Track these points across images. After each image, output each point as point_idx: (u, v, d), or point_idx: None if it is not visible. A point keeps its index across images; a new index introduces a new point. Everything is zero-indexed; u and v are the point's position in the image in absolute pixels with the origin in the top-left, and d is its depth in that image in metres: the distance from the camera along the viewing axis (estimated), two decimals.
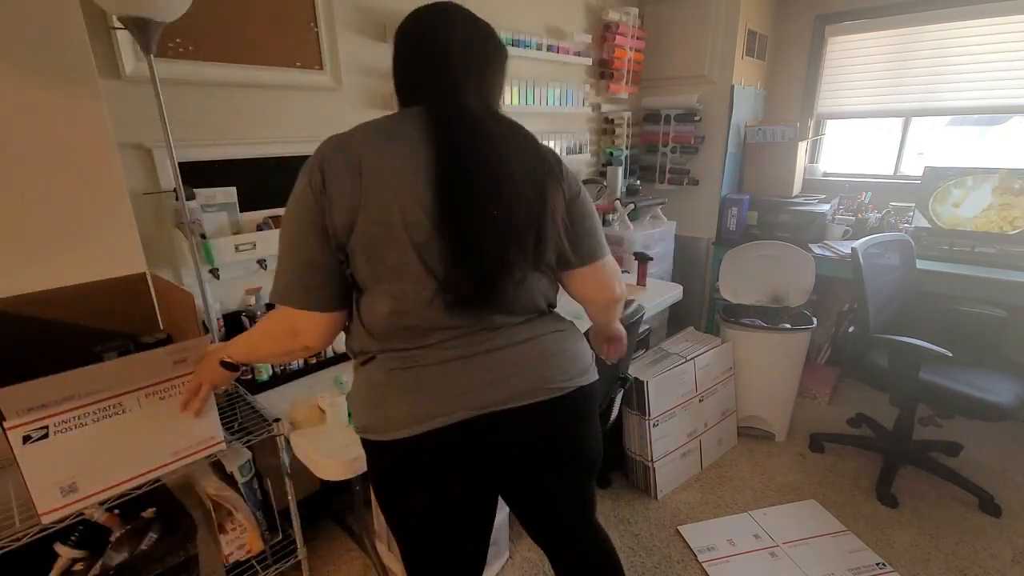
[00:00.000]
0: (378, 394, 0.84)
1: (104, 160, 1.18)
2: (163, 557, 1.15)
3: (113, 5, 1.11)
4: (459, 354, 0.83)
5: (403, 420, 0.81)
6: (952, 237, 2.36)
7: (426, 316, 0.81)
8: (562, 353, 0.90)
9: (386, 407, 0.83)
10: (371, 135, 0.83)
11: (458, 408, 0.82)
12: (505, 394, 0.84)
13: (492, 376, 0.84)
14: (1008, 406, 1.70)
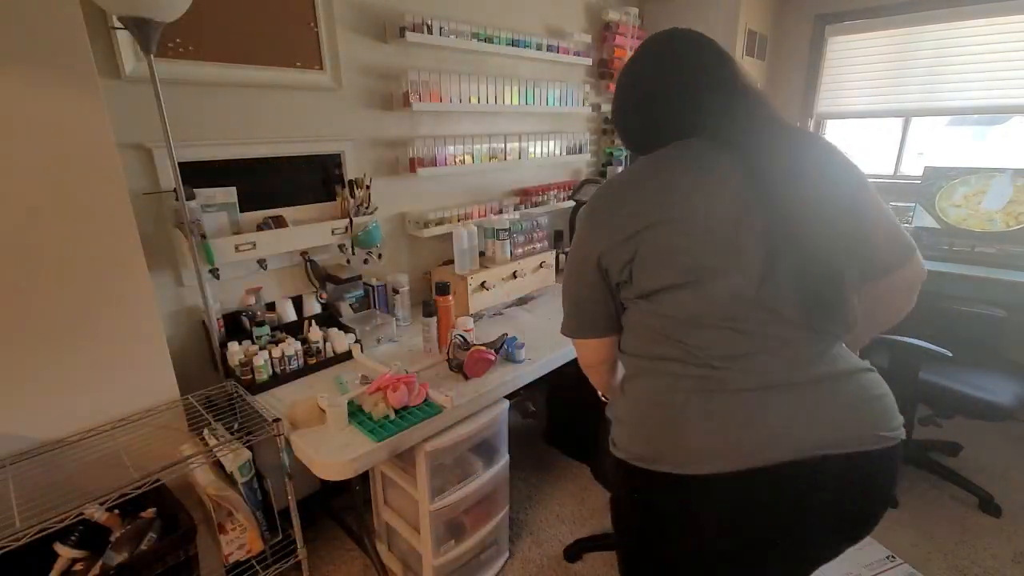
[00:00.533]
0: (676, 419, 0.74)
1: (104, 160, 1.18)
2: (163, 557, 1.15)
3: (113, 5, 1.11)
4: (776, 380, 0.73)
5: (713, 454, 0.71)
6: (952, 236, 2.36)
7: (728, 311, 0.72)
8: (887, 396, 0.80)
9: (690, 434, 0.73)
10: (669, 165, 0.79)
11: (781, 447, 0.71)
12: (837, 436, 0.72)
13: (819, 413, 0.72)
14: (1008, 406, 1.70)
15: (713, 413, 0.73)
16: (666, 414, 0.76)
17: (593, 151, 2.81)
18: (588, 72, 2.67)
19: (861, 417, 0.75)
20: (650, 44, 0.85)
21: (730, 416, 0.72)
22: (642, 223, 0.75)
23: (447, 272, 1.87)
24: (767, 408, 0.72)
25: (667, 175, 0.77)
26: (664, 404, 0.76)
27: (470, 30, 1.94)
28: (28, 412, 1.17)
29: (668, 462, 0.74)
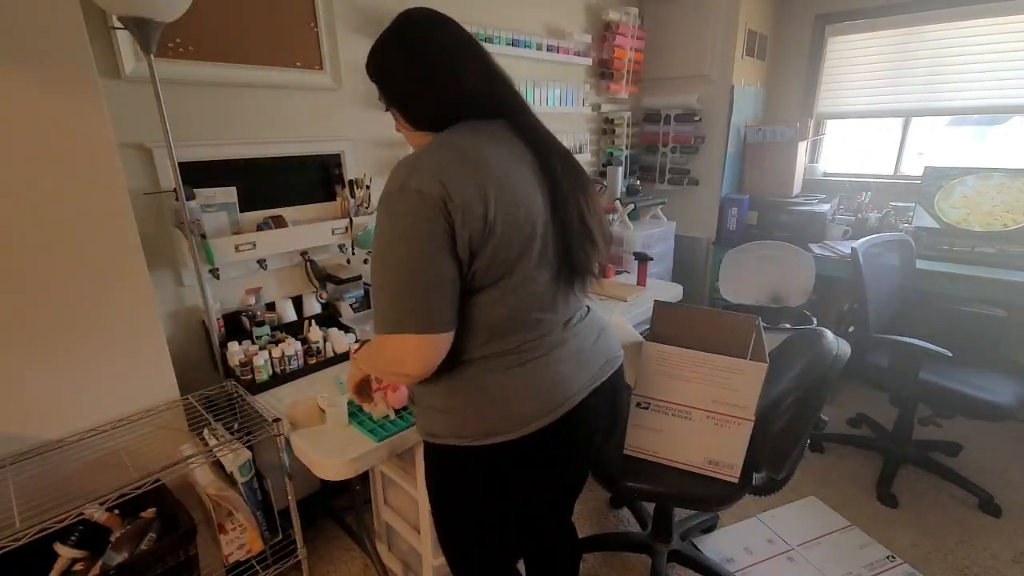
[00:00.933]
0: (498, 395, 0.83)
1: (104, 160, 1.18)
2: (163, 557, 1.15)
3: (113, 5, 1.11)
4: (557, 340, 0.88)
5: (532, 414, 0.83)
6: (952, 236, 2.36)
7: (540, 303, 0.85)
8: (608, 326, 1.02)
9: (512, 405, 0.83)
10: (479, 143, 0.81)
11: (573, 392, 0.87)
12: (595, 370, 0.92)
13: (582, 357, 0.90)
14: (1008, 406, 1.70)
15: (525, 382, 0.84)
16: (490, 395, 0.83)
17: (593, 151, 2.81)
18: (588, 72, 2.67)
19: (602, 348, 0.95)
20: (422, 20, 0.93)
21: (540, 379, 0.85)
22: (493, 202, 0.75)
23: None
24: (560, 365, 0.87)
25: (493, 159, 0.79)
26: (486, 387, 0.83)
27: (470, 30, 1.94)
28: (28, 412, 1.17)
29: (501, 433, 0.83)
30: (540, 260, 0.83)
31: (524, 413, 0.83)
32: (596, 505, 1.93)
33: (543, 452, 0.87)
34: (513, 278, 0.80)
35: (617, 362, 0.98)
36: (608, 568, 1.66)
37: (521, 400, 0.83)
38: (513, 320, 0.82)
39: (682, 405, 1.25)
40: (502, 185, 0.77)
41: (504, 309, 0.81)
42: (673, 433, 1.29)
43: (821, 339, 1.32)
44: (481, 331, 0.81)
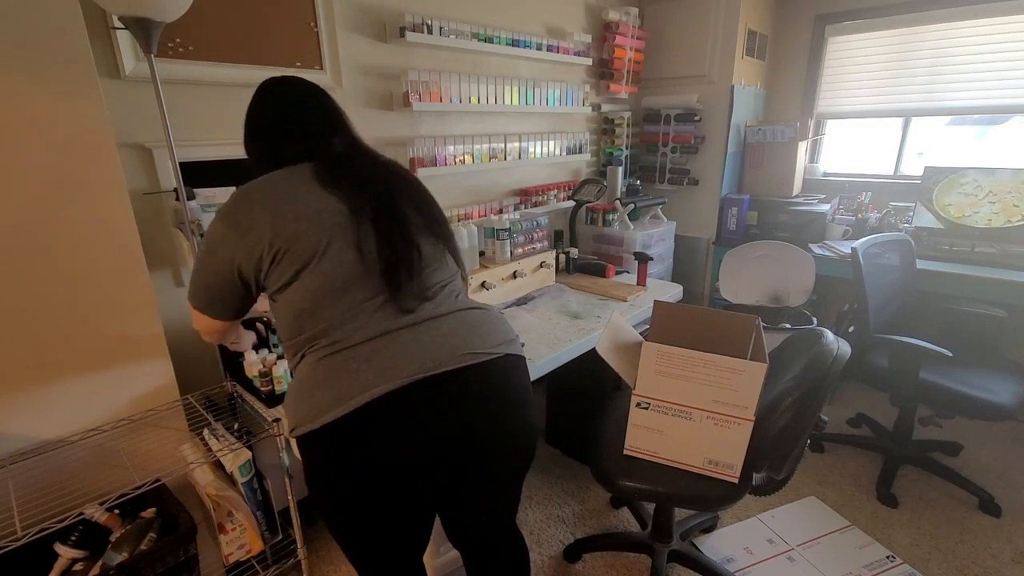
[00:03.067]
0: (305, 387, 0.87)
1: (104, 160, 1.18)
2: (163, 557, 1.15)
3: (113, 5, 1.11)
4: (382, 329, 0.89)
5: (331, 403, 0.83)
6: (952, 236, 2.36)
7: (344, 283, 0.89)
8: (485, 324, 0.98)
9: (316, 394, 0.85)
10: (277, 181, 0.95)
11: (385, 380, 0.84)
12: (430, 362, 0.87)
13: (415, 347, 0.88)
14: (1008, 406, 1.70)
15: (333, 370, 0.86)
16: (302, 387, 0.88)
17: (593, 151, 2.81)
18: (588, 72, 2.67)
19: (454, 343, 0.91)
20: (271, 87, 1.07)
21: (344, 368, 0.86)
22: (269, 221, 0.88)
23: None
24: (374, 353, 0.87)
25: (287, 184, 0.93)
26: (303, 379, 0.89)
27: (470, 30, 1.94)
28: (28, 412, 1.17)
29: (305, 424, 0.85)
30: (344, 247, 0.89)
31: (320, 403, 0.84)
32: (596, 505, 1.93)
33: (354, 441, 0.84)
34: (307, 277, 0.88)
35: (474, 357, 0.91)
36: (608, 568, 1.66)
37: (321, 389, 0.85)
38: (318, 305, 0.88)
39: (682, 405, 1.25)
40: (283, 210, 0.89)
41: (307, 297, 0.88)
42: (673, 433, 1.29)
43: (821, 339, 1.32)
44: (294, 324, 0.91)
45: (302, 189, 0.93)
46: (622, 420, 1.36)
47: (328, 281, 0.88)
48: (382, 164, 1.04)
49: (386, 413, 0.84)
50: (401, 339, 0.89)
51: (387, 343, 0.88)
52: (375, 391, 0.83)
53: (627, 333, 1.48)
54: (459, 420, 0.90)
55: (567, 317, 1.81)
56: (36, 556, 1.09)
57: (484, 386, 0.93)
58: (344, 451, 0.85)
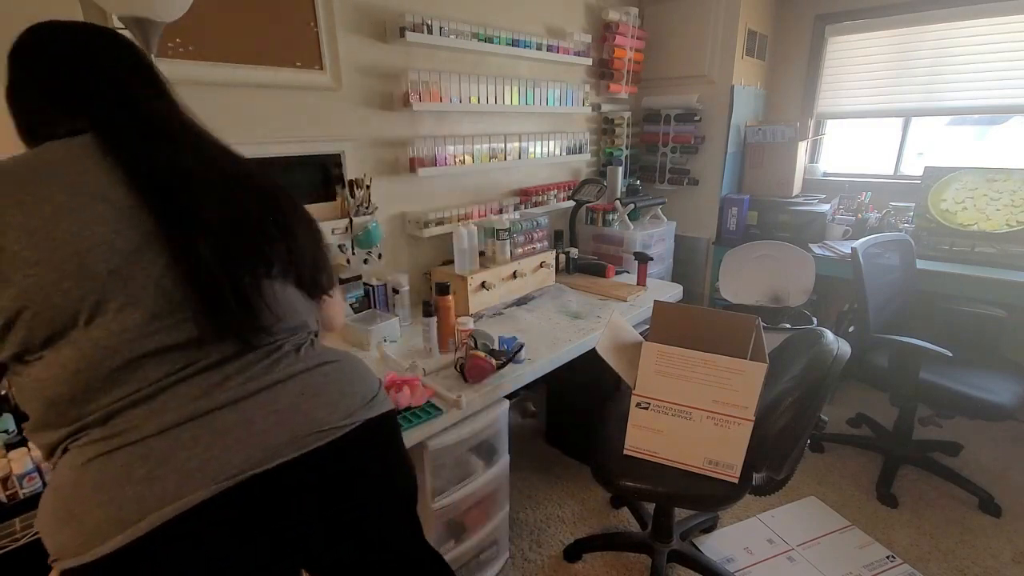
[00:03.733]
0: (67, 501, 0.60)
1: None
2: None
3: (113, 5, 1.11)
4: (188, 413, 0.64)
5: (107, 526, 0.58)
6: (952, 236, 2.36)
7: (128, 358, 0.62)
8: (338, 384, 0.76)
9: (83, 513, 0.59)
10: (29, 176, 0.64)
11: (194, 487, 0.60)
12: (262, 452, 0.65)
13: (240, 432, 0.65)
14: (1008, 406, 1.70)
15: (109, 479, 0.60)
16: (62, 499, 0.61)
17: (593, 151, 2.81)
18: (588, 72, 2.67)
19: (297, 419, 0.69)
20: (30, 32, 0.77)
21: (127, 475, 0.60)
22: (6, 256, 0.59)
23: (447, 272, 1.87)
24: (175, 450, 0.62)
25: (35, 192, 0.62)
26: (61, 487, 0.62)
27: (470, 30, 1.94)
28: None
29: (73, 554, 0.59)
30: (127, 304, 0.62)
31: (92, 526, 0.58)
32: (596, 505, 1.93)
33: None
34: (66, 350, 0.61)
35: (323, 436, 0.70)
36: (608, 568, 1.66)
37: (91, 505, 0.59)
38: (86, 392, 0.61)
39: (682, 405, 1.25)
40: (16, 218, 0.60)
41: (65, 378, 0.61)
42: (673, 433, 1.29)
43: (821, 339, 1.32)
44: (47, 411, 0.63)
45: (65, 194, 0.63)
46: (622, 420, 1.36)
47: (100, 355, 0.61)
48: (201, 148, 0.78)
49: (197, 535, 0.61)
50: (218, 423, 0.64)
51: (196, 432, 0.63)
52: (178, 505, 0.59)
53: (627, 333, 1.48)
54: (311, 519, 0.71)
55: (567, 317, 1.81)
56: (36, 556, 1.09)
57: (340, 472, 0.72)
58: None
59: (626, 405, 1.34)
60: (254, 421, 0.66)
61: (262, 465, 0.65)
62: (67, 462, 0.63)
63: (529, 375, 1.52)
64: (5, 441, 1.02)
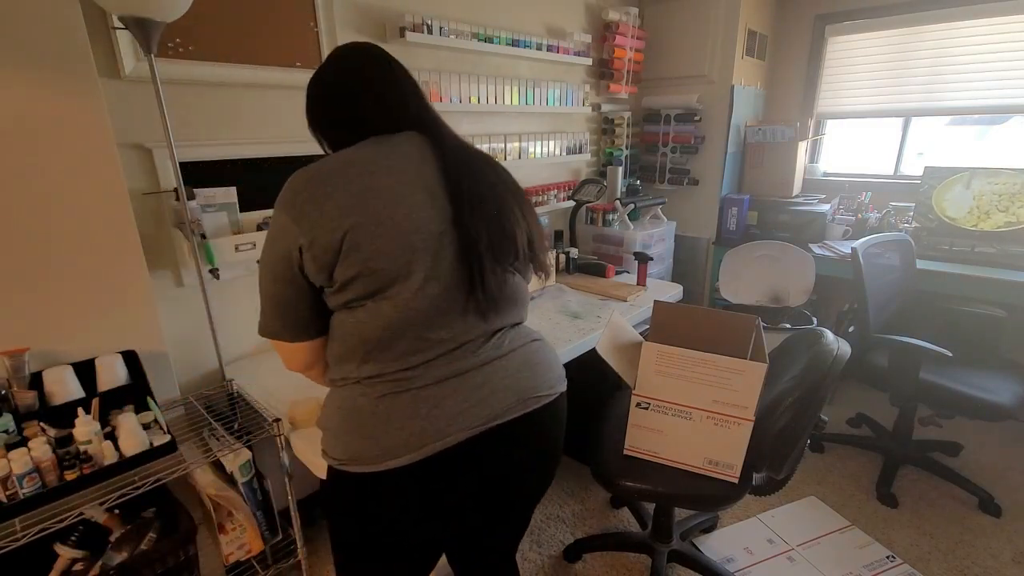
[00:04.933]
0: (365, 421, 0.80)
1: (104, 160, 1.18)
2: (163, 557, 1.15)
3: (113, 5, 1.11)
4: (452, 371, 0.82)
5: (399, 448, 0.78)
6: (952, 236, 2.36)
7: (425, 319, 0.79)
8: (544, 362, 0.93)
9: (380, 435, 0.78)
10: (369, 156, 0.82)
11: (456, 429, 0.79)
12: (499, 407, 0.83)
13: (485, 391, 0.83)
14: (1008, 406, 1.70)
15: (399, 411, 0.79)
16: (360, 419, 0.80)
17: (593, 151, 2.81)
18: (588, 72, 2.67)
19: (521, 385, 0.86)
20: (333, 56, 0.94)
21: (414, 411, 0.79)
22: (347, 222, 0.75)
23: None
24: (443, 398, 0.80)
25: (369, 174, 0.79)
26: (359, 410, 0.81)
27: (470, 30, 1.94)
28: None
29: (363, 462, 0.79)
30: (430, 277, 0.78)
31: (387, 446, 0.78)
32: (596, 505, 1.93)
33: (410, 489, 0.81)
34: (389, 297, 0.77)
35: (537, 401, 0.88)
36: (608, 568, 1.66)
37: (386, 432, 0.78)
38: (392, 338, 0.78)
39: (682, 405, 1.25)
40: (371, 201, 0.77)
41: (381, 325, 0.78)
42: (673, 433, 1.29)
43: (821, 339, 1.32)
44: (358, 349, 0.80)
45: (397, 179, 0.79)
46: (622, 420, 1.36)
47: (409, 315, 0.78)
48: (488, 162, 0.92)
49: (454, 463, 0.81)
50: (470, 382, 0.82)
51: (456, 387, 0.81)
52: (448, 440, 0.79)
53: (627, 333, 1.47)
54: (515, 467, 0.89)
55: (567, 317, 1.81)
56: (36, 556, 1.09)
57: (545, 431, 0.91)
58: (402, 500, 0.81)
59: (626, 405, 1.34)
60: (492, 383, 0.84)
61: (498, 419, 0.83)
62: (360, 392, 0.81)
63: None
64: (5, 441, 1.02)
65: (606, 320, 1.64)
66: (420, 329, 0.79)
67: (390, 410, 0.79)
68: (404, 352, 0.79)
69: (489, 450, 0.84)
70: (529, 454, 0.90)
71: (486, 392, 0.83)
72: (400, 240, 0.76)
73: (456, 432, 0.79)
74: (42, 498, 0.98)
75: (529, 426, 0.87)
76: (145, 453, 1.08)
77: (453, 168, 0.83)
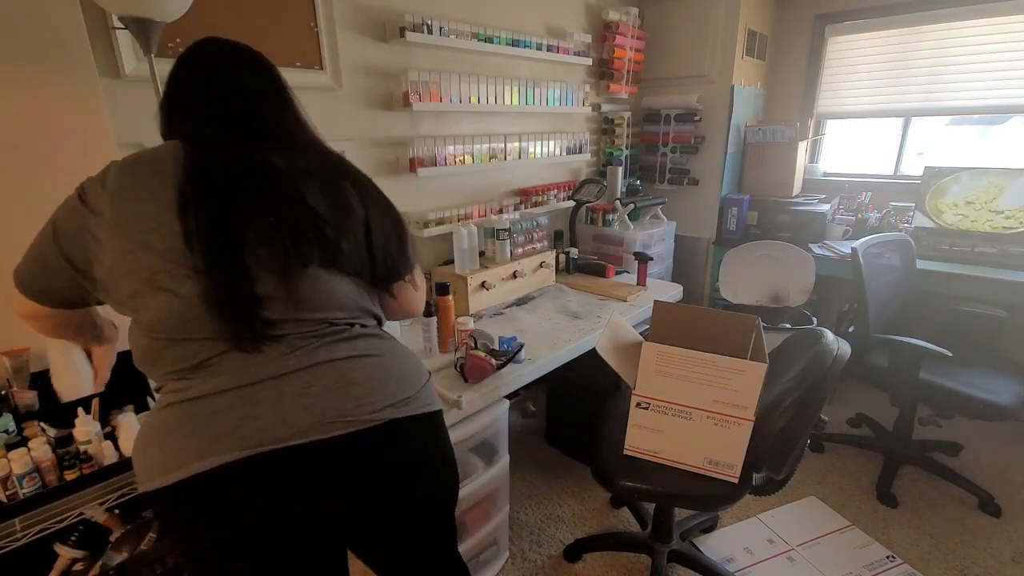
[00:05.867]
0: (144, 439, 0.74)
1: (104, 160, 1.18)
2: (163, 557, 1.15)
3: (113, 5, 1.11)
4: (233, 382, 0.73)
5: (157, 468, 0.70)
6: (952, 236, 2.36)
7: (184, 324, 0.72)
8: (374, 377, 0.80)
9: (146, 453, 0.73)
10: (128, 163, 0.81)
11: (218, 450, 0.69)
12: (285, 430, 0.71)
13: (268, 408, 0.72)
14: (1008, 406, 1.70)
15: (169, 427, 0.72)
16: (142, 434, 0.75)
17: (593, 151, 2.81)
18: (588, 72, 2.67)
19: (318, 407, 0.74)
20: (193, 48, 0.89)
21: (178, 428, 0.72)
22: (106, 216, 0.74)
23: (447, 272, 1.87)
24: (216, 412, 0.71)
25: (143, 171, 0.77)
26: (144, 425, 0.76)
27: (470, 30, 1.94)
28: None
29: (141, 481, 0.73)
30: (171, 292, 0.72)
31: (152, 463, 0.71)
32: (596, 505, 1.93)
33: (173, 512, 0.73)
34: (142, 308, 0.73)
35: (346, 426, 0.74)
36: (608, 568, 1.66)
37: (150, 451, 0.72)
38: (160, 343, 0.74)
39: (682, 405, 1.25)
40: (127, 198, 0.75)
41: (145, 327, 0.74)
42: (673, 433, 1.29)
43: (821, 339, 1.32)
44: (139, 354, 0.77)
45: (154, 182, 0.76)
46: (622, 420, 1.36)
47: (161, 318, 0.72)
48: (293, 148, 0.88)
49: (218, 491, 0.71)
50: (254, 397, 0.72)
51: (234, 401, 0.72)
52: (206, 462, 0.69)
53: (627, 333, 1.48)
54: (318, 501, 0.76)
55: (567, 317, 1.81)
56: (36, 556, 1.09)
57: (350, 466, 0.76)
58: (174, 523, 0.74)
59: (626, 405, 1.34)
60: (283, 399, 0.73)
61: (282, 442, 0.71)
62: (156, 403, 0.76)
63: (529, 375, 1.52)
64: (5, 441, 1.02)
65: (606, 320, 1.65)
66: (179, 332, 0.73)
67: (164, 424, 0.73)
68: (179, 355, 0.74)
69: (270, 476, 0.71)
70: (330, 488, 0.76)
71: (269, 409, 0.72)
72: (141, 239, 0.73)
73: (223, 452, 0.69)
74: (42, 498, 0.98)
75: (332, 454, 0.74)
76: None
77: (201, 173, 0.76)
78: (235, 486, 0.71)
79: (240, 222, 0.75)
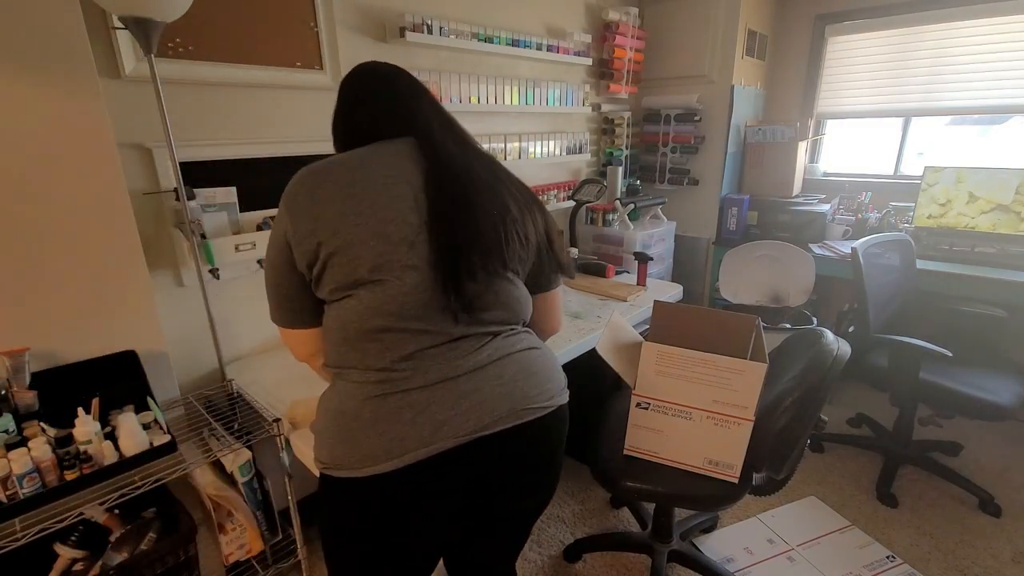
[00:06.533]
0: (352, 425, 0.78)
1: (104, 160, 1.18)
2: (163, 557, 1.15)
3: (113, 5, 1.11)
4: (442, 375, 0.79)
5: (380, 454, 0.76)
6: (952, 236, 2.36)
7: (401, 309, 0.77)
8: (543, 371, 0.89)
9: (362, 439, 0.77)
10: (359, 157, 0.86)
11: (441, 437, 0.77)
12: (489, 417, 0.80)
13: (475, 399, 0.80)
14: (1008, 406, 1.70)
15: (383, 416, 0.77)
16: (344, 423, 0.79)
17: (593, 151, 2.81)
18: (588, 72, 2.67)
19: (515, 394, 0.83)
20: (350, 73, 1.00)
21: (397, 416, 0.77)
22: (331, 210, 0.78)
23: None
24: (431, 403, 0.78)
25: (360, 171, 0.82)
26: (344, 413, 0.80)
27: (470, 30, 1.94)
28: None
29: (346, 468, 0.78)
30: (407, 267, 0.78)
31: (368, 451, 0.76)
32: (596, 505, 1.93)
33: (391, 497, 0.79)
34: (367, 286, 0.78)
35: (532, 412, 0.84)
36: (608, 568, 1.66)
37: (368, 437, 0.77)
38: (373, 329, 0.78)
39: (682, 405, 1.25)
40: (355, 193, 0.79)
41: (360, 315, 0.78)
42: (673, 433, 1.29)
43: (821, 339, 1.32)
44: (343, 341, 0.81)
45: (381, 175, 0.81)
46: (622, 420, 1.36)
47: (387, 305, 0.77)
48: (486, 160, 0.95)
49: (437, 473, 0.78)
50: (459, 388, 0.80)
51: (444, 393, 0.79)
52: (429, 449, 0.76)
53: (627, 333, 1.47)
54: (503, 481, 0.86)
55: (567, 317, 1.81)
56: (36, 556, 1.09)
57: (539, 445, 0.87)
58: (382, 507, 0.79)
59: (626, 405, 1.34)
60: (483, 390, 0.81)
61: (487, 429, 0.80)
62: (349, 393, 0.80)
63: None
64: (5, 441, 1.02)
65: (606, 320, 1.64)
66: (398, 319, 0.77)
67: (375, 414, 0.77)
68: (388, 345, 0.78)
69: (476, 461, 0.81)
70: (519, 468, 0.86)
71: (476, 400, 0.80)
72: (377, 229, 0.77)
73: (441, 440, 0.77)
74: (42, 498, 0.98)
75: (521, 438, 0.84)
76: (145, 453, 1.08)
77: (437, 170, 0.84)
78: (444, 472, 0.79)
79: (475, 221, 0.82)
